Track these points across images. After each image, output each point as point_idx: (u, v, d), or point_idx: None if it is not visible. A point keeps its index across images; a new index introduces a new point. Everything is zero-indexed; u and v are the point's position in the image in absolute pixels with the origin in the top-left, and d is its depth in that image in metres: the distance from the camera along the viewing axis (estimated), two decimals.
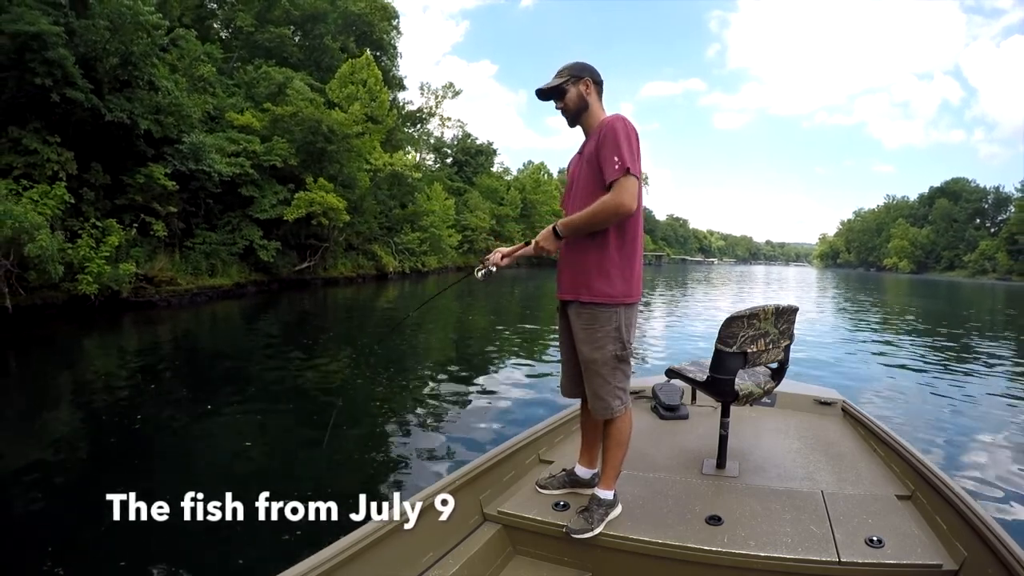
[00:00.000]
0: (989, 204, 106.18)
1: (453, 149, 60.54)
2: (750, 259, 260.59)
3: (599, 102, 2.63)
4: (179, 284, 18.08)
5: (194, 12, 30.39)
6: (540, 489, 2.76)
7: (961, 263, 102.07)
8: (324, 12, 36.07)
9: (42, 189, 13.21)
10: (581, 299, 2.52)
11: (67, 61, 13.90)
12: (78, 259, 13.71)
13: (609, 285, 2.47)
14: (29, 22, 13.36)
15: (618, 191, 2.32)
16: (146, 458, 5.56)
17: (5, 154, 14.08)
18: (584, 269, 2.48)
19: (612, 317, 2.49)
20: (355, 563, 2.02)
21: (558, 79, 2.59)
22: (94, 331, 13.17)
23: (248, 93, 26.64)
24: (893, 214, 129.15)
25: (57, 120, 14.93)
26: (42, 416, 7.07)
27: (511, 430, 4.86)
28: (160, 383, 8.83)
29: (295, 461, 5.22)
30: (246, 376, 9.19)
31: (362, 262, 31.40)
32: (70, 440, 6.25)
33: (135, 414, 6.91)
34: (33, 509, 4.51)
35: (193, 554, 3.61)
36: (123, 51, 15.51)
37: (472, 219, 48.56)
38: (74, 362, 10.57)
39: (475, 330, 13.77)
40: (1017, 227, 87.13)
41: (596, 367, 2.51)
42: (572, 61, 2.64)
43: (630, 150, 2.34)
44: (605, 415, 2.55)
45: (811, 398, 4.30)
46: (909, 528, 2.40)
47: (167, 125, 17.49)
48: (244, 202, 22.58)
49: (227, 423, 6.61)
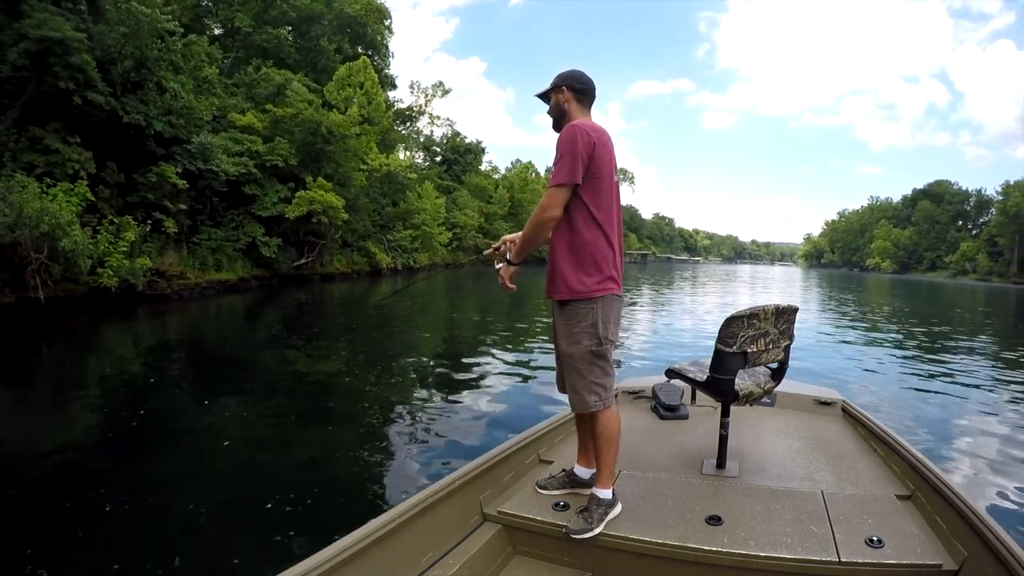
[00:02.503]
0: (971, 206, 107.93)
1: (442, 147, 61.11)
2: (735, 258, 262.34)
3: (580, 109, 2.71)
4: (188, 278, 18.91)
5: (192, 11, 30.89)
6: (540, 490, 2.77)
7: (942, 264, 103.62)
8: (320, 13, 36.69)
9: (65, 187, 13.91)
10: (557, 296, 2.63)
11: (89, 66, 14.63)
12: (98, 254, 14.45)
13: (578, 281, 2.56)
14: (53, 28, 14.06)
15: (542, 201, 2.51)
16: (154, 443, 5.69)
17: (26, 153, 14.75)
18: (556, 268, 2.60)
19: (588, 313, 2.55)
20: (355, 563, 2.02)
21: (548, 87, 2.75)
22: (112, 322, 13.83)
23: (249, 94, 27.34)
24: (876, 215, 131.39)
25: (72, 121, 15.61)
26: (71, 398, 7.39)
27: (511, 430, 4.76)
28: (174, 371, 9.32)
29: (295, 461, 5.19)
30: (253, 367, 9.60)
31: (356, 258, 32.20)
32: (93, 422, 6.49)
33: (150, 400, 7.26)
34: (46, 489, 4.62)
35: (191, 552, 3.67)
36: (138, 55, 16.23)
37: (461, 217, 49.37)
38: (97, 350, 11.16)
39: (469, 327, 13.90)
40: (997, 229, 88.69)
41: (572, 361, 2.58)
42: (568, 70, 2.74)
43: (571, 158, 2.44)
44: (581, 409, 2.61)
45: (811, 398, 4.31)
46: (909, 528, 2.41)
47: (177, 126, 18.26)
48: (247, 200, 23.38)
49: (230, 416, 6.71)
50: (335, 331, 14.22)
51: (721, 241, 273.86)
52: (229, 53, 30.67)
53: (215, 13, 34.01)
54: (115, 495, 4.38)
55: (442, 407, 7.16)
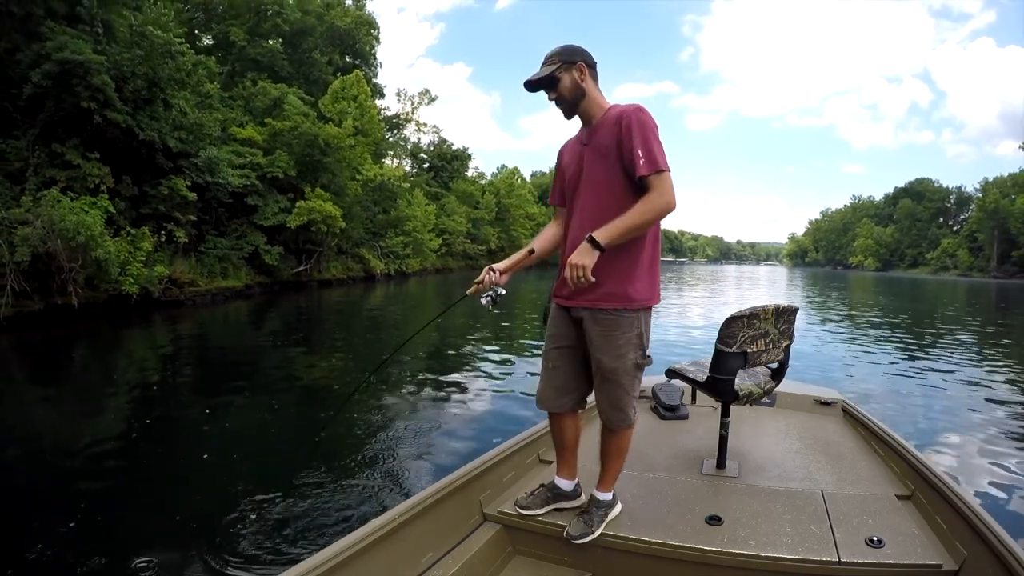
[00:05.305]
0: (951, 203, 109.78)
1: (430, 155, 61.46)
2: (721, 259, 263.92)
3: (597, 87, 2.39)
4: (199, 285, 19.95)
5: (187, 24, 31.45)
6: (522, 510, 2.56)
7: (924, 260, 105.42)
8: (312, 26, 37.49)
9: (87, 200, 14.78)
10: (601, 305, 2.33)
11: (108, 87, 15.54)
12: (119, 263, 15.30)
13: (634, 289, 2.32)
14: (74, 51, 14.97)
15: (662, 190, 2.15)
16: (169, 441, 6.01)
17: (47, 167, 15.66)
18: (609, 273, 2.24)
19: (634, 323, 2.34)
20: (355, 563, 2.02)
21: (548, 67, 2.34)
22: (133, 327, 14.65)
23: (247, 107, 28.23)
24: (859, 214, 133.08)
25: (89, 137, 16.46)
26: (101, 397, 7.86)
27: (511, 430, 4.66)
28: (191, 373, 9.92)
29: (296, 461, 5.15)
30: (262, 369, 10.04)
31: (351, 265, 33.04)
32: (117, 420, 6.84)
33: (170, 400, 7.72)
34: (67, 480, 4.89)
35: (191, 551, 3.70)
36: (150, 75, 17.13)
37: (449, 223, 50.01)
38: (124, 352, 12.01)
39: (468, 331, 14.06)
40: (977, 225, 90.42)
41: (617, 377, 2.36)
42: (561, 45, 2.37)
43: (659, 144, 2.18)
44: (623, 425, 2.44)
45: (811, 398, 4.29)
46: (909, 528, 2.41)
47: (186, 141, 19.19)
48: (249, 210, 24.33)
49: (238, 416, 6.95)
50: (335, 334, 14.96)
51: (707, 242, 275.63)
52: (223, 67, 31.31)
53: (207, 26, 34.59)
54: (128, 488, 4.75)
55: (442, 408, 7.27)
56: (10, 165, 15.40)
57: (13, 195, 14.58)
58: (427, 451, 5.62)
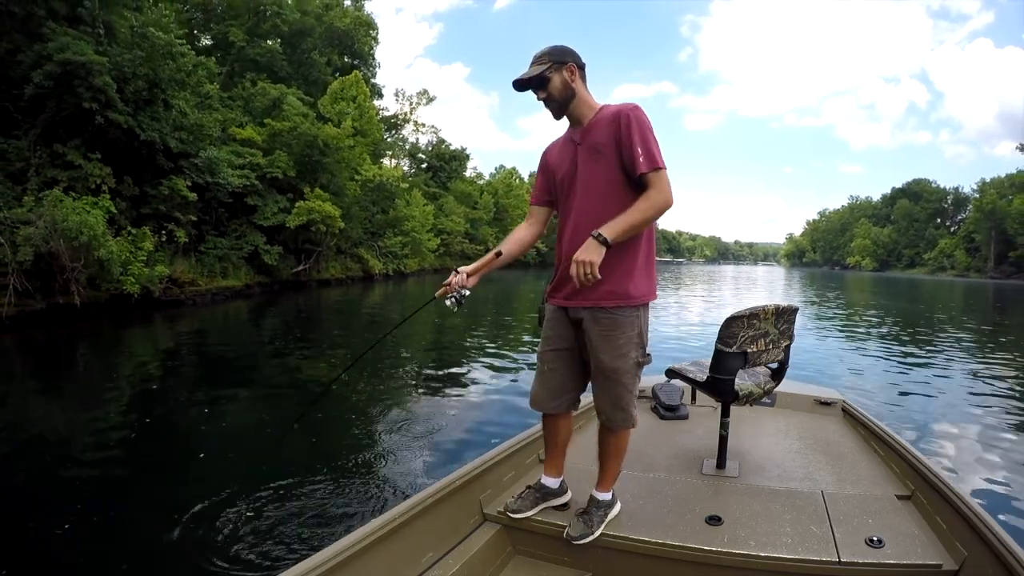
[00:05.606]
0: (948, 204, 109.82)
1: (428, 155, 61.61)
2: (719, 259, 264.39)
3: (586, 88, 2.41)
4: (199, 285, 20.04)
5: (186, 25, 31.49)
6: (512, 514, 2.54)
7: (921, 261, 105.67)
8: (311, 27, 37.54)
9: (89, 201, 14.84)
10: (602, 304, 2.32)
11: (110, 87, 15.63)
12: (121, 263, 15.35)
13: (634, 285, 2.33)
14: (77, 52, 15.04)
15: (661, 187, 2.18)
16: (169, 439, 6.06)
17: (48, 168, 15.75)
18: (608, 271, 2.20)
19: (635, 321, 2.35)
20: (355, 563, 2.02)
21: (538, 66, 2.33)
22: (134, 326, 14.74)
23: (246, 107, 28.29)
24: (857, 214, 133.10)
25: (90, 138, 16.55)
26: (103, 393, 7.96)
27: (511, 430, 4.64)
28: (193, 372, 9.91)
29: (296, 461, 5.14)
30: (261, 369, 10.09)
31: (350, 265, 33.13)
32: (118, 418, 6.87)
33: (170, 399, 7.74)
34: (68, 478, 4.92)
35: (190, 549, 3.71)
36: (151, 76, 17.22)
37: (448, 223, 50.14)
38: (125, 352, 11.99)
39: (468, 331, 14.13)
40: (974, 226, 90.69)
41: (618, 376, 2.36)
42: (550, 45, 2.37)
43: (656, 142, 2.22)
44: (626, 425, 2.44)
45: (811, 398, 4.29)
46: (909, 528, 2.41)
47: (187, 141, 19.29)
48: (248, 210, 24.44)
49: (238, 416, 6.96)
50: (333, 334, 15.03)
51: (705, 242, 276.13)
52: (223, 67, 31.34)
53: (206, 26, 34.61)
54: (128, 487, 4.76)
55: (441, 408, 7.25)
56: (12, 165, 15.48)
57: (15, 195, 14.67)
58: (427, 451, 5.60)
